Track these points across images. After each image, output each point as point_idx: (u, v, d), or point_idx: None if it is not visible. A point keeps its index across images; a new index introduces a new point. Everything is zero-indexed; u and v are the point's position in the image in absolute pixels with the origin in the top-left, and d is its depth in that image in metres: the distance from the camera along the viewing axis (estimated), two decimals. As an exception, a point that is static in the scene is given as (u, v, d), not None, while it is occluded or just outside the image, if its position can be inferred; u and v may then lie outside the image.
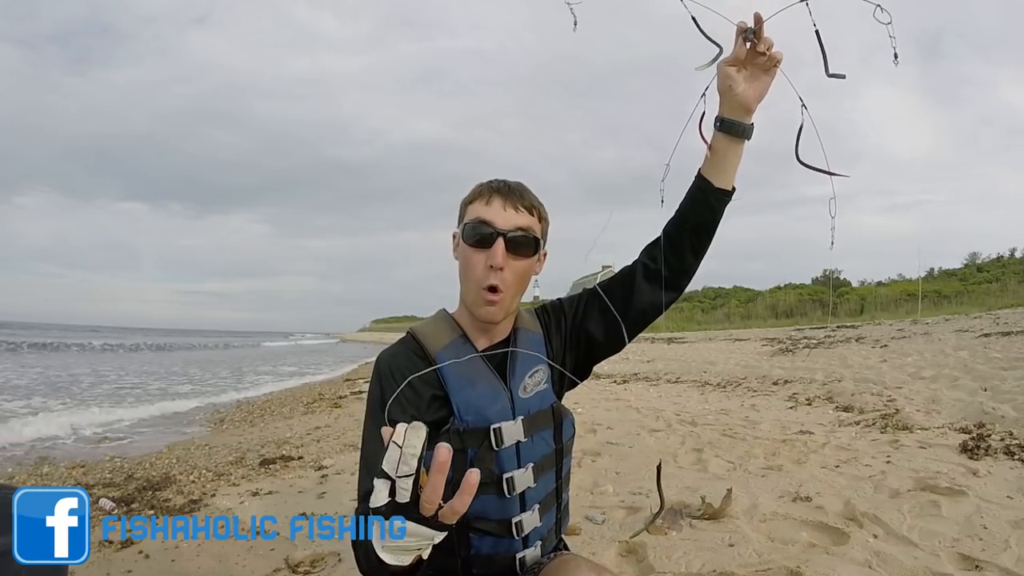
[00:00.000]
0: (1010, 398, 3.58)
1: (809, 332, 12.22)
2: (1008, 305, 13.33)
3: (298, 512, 2.44)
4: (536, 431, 0.99)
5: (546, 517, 1.02)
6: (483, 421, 0.95)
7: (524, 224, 0.96)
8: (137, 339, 33.09)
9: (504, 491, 0.95)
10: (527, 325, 1.07)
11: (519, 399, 0.99)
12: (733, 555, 1.77)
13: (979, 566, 1.58)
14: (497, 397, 0.96)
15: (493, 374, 0.99)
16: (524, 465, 0.97)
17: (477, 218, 0.95)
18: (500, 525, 0.96)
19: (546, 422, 1.01)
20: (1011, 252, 25.55)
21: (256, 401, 7.21)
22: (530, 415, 0.99)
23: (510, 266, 0.95)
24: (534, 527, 0.99)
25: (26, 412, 5.97)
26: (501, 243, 0.93)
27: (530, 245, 0.97)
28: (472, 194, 0.99)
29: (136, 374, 11.74)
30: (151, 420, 5.74)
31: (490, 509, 0.95)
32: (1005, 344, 6.12)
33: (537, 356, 1.03)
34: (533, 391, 1.01)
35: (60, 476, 3.31)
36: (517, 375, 1.00)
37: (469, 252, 0.96)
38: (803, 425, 3.63)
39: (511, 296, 0.97)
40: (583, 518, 2.15)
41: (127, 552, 2.07)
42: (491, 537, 0.96)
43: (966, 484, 2.20)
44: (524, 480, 0.97)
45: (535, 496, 0.99)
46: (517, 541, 0.98)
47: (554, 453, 1.03)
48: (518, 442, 0.96)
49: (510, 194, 0.96)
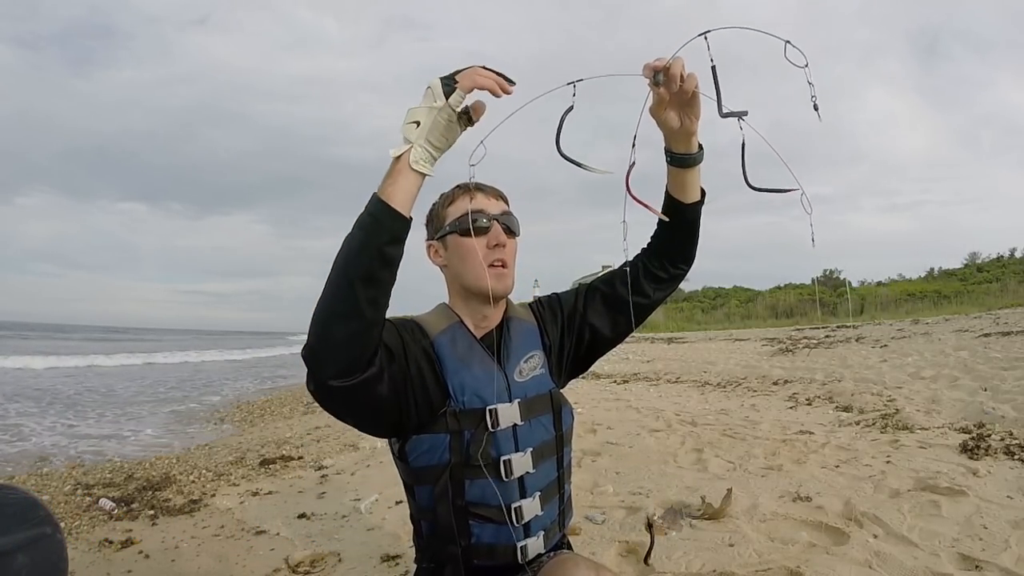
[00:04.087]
0: (1010, 398, 3.58)
1: (809, 332, 12.22)
2: (1008, 305, 13.34)
3: (298, 512, 2.45)
4: (534, 415, 1.01)
5: (548, 507, 1.02)
6: (479, 402, 0.96)
7: (507, 209, 1.05)
8: (149, 347, 24.72)
9: (501, 474, 0.95)
10: (519, 314, 1.10)
11: (515, 382, 1.01)
12: (733, 555, 1.77)
13: (979, 566, 1.58)
14: (491, 380, 0.98)
15: (489, 356, 1.01)
16: (523, 449, 0.98)
17: (469, 211, 0.99)
18: (500, 511, 0.96)
19: (544, 407, 1.03)
20: (1011, 252, 25.59)
21: (256, 401, 7.20)
22: (527, 399, 1.01)
23: (508, 244, 1.02)
24: (535, 515, 0.99)
25: (32, 413, 5.97)
26: (498, 225, 1.01)
27: (516, 226, 1.05)
28: (449, 197, 1.04)
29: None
30: (151, 420, 5.74)
31: (489, 494, 0.95)
32: (1005, 344, 6.13)
33: (531, 342, 1.07)
34: (529, 375, 1.03)
35: (60, 476, 3.31)
36: (512, 359, 1.03)
37: (465, 242, 1.00)
38: (803, 425, 3.63)
39: (513, 270, 1.03)
40: (583, 518, 2.15)
41: (127, 552, 2.07)
42: (491, 525, 0.96)
43: (966, 484, 2.20)
44: (523, 464, 0.97)
45: (535, 483, 1.00)
46: (518, 529, 0.97)
47: (554, 440, 1.04)
48: (515, 425, 0.98)
49: (487, 188, 1.04)
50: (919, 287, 22.78)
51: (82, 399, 7.37)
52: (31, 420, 5.54)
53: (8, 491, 0.60)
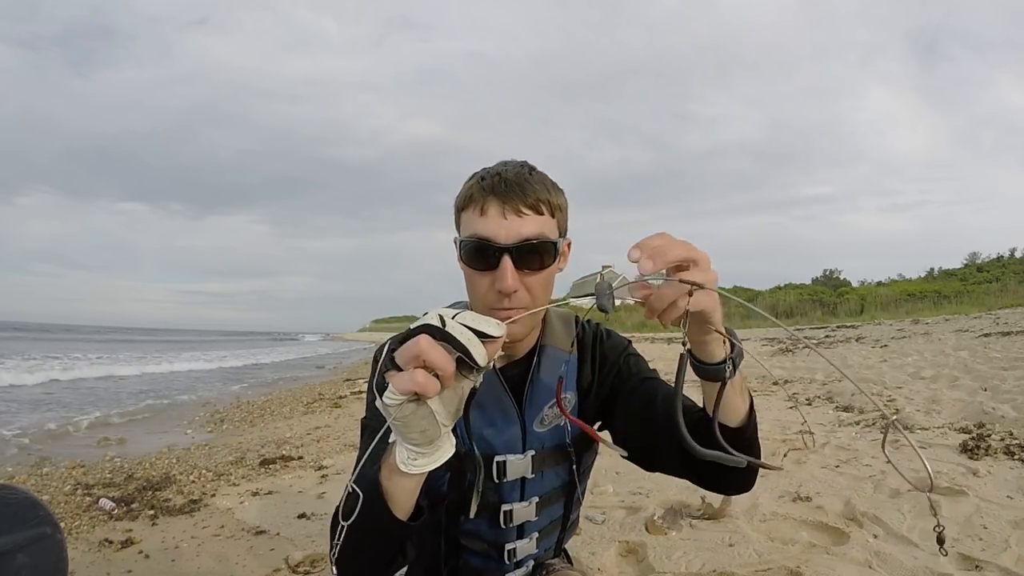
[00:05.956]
0: (1010, 398, 3.58)
1: (809, 332, 12.22)
2: (1008, 305, 13.34)
3: (298, 512, 2.45)
4: (547, 468, 0.89)
5: (544, 543, 0.97)
6: (487, 450, 0.85)
7: (533, 232, 0.76)
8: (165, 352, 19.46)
9: (500, 522, 0.88)
10: (557, 342, 0.90)
11: (532, 431, 0.87)
12: (733, 555, 1.77)
13: (979, 566, 1.58)
14: (507, 427, 0.86)
15: (507, 398, 0.86)
16: (527, 499, 0.89)
17: (473, 235, 0.76)
18: (493, 548, 0.92)
19: (561, 458, 0.90)
20: (1011, 252, 25.60)
21: (256, 401, 7.20)
22: (543, 450, 0.88)
23: (524, 284, 0.77)
24: (528, 554, 0.95)
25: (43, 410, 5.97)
26: (508, 261, 0.75)
27: (546, 253, 0.78)
28: (463, 198, 0.80)
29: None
30: (152, 420, 5.74)
31: (484, 532, 0.90)
32: (1005, 344, 6.13)
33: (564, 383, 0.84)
34: (551, 424, 0.88)
35: (60, 476, 3.30)
36: (535, 404, 0.87)
37: (471, 273, 0.79)
38: (803, 425, 3.63)
39: (531, 317, 0.84)
40: (583, 518, 2.15)
41: (127, 552, 2.07)
42: (479, 557, 0.92)
43: (966, 484, 2.20)
44: (524, 513, 0.89)
45: (534, 527, 0.93)
46: (507, 564, 0.93)
47: (565, 486, 0.94)
48: (523, 478, 0.88)
49: (509, 194, 0.76)
50: (919, 287, 22.75)
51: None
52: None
53: (8, 491, 0.60)
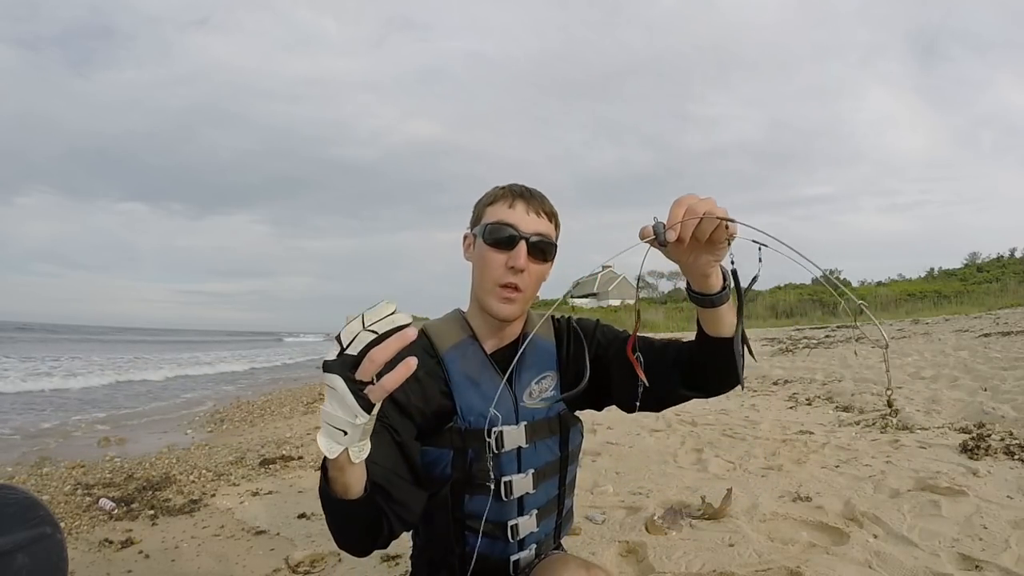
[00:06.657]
0: (1010, 398, 3.58)
1: (809, 332, 12.22)
2: (1008, 305, 13.34)
3: (298, 512, 2.45)
4: (540, 438, 0.99)
5: (544, 523, 1.03)
6: (485, 423, 0.95)
7: (544, 230, 0.97)
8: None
9: (501, 494, 0.96)
10: (538, 330, 1.05)
11: (524, 404, 0.99)
12: (733, 555, 1.77)
13: (979, 566, 1.58)
14: (500, 401, 0.96)
15: (499, 376, 0.98)
16: (524, 470, 0.98)
17: (500, 220, 0.95)
18: (496, 527, 0.97)
19: (551, 430, 1.01)
20: (1011, 252, 25.66)
21: (256, 401, 7.20)
22: (534, 421, 0.99)
23: (530, 269, 0.95)
24: (530, 531, 1.00)
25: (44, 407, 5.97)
26: (524, 246, 0.94)
27: (549, 251, 0.98)
28: (492, 196, 0.99)
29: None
30: (152, 420, 5.74)
31: (487, 510, 0.95)
32: (1005, 344, 6.13)
33: (546, 362, 1.03)
34: (539, 397, 1.01)
35: (60, 476, 3.30)
36: (523, 380, 1.00)
37: (488, 251, 0.96)
38: (803, 425, 3.63)
39: (527, 297, 0.98)
40: (583, 518, 2.15)
41: (127, 552, 2.07)
42: (487, 537, 0.97)
43: (966, 484, 2.20)
44: (523, 485, 0.97)
45: (534, 502, 1.00)
46: (512, 544, 0.99)
47: (558, 461, 1.03)
48: (519, 448, 0.97)
49: (532, 200, 0.97)
50: (919, 287, 22.78)
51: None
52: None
53: (8, 491, 0.60)
